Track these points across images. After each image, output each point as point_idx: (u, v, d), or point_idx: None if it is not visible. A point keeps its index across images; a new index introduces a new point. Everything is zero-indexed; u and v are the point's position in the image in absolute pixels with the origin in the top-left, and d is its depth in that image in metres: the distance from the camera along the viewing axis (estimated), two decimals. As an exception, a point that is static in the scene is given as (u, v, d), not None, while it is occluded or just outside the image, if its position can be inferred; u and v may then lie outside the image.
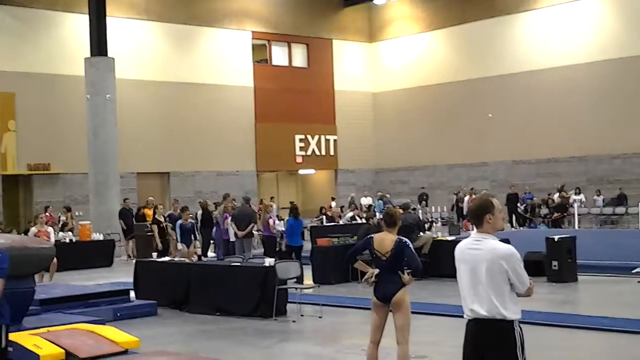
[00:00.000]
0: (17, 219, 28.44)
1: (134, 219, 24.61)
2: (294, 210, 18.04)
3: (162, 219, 20.76)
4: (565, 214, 28.89)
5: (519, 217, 30.29)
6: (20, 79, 28.68)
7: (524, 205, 30.53)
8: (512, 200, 30.12)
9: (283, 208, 31.66)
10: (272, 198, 30.94)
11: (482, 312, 5.19)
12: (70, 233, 24.11)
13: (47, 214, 27.02)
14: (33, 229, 17.67)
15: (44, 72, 29.25)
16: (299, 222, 18.20)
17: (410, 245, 8.02)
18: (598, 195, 29.99)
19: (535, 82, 33.01)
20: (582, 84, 31.70)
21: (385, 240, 8.05)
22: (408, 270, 8.02)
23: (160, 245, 19.70)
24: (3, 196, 28.52)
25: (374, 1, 37.77)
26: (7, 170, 28.59)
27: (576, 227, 27.58)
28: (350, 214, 27.99)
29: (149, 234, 23.88)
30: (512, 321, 5.17)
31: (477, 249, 5.29)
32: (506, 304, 5.16)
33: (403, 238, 8.06)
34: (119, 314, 12.66)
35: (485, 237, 5.31)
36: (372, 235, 8.27)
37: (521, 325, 5.25)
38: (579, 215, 28.34)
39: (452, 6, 35.95)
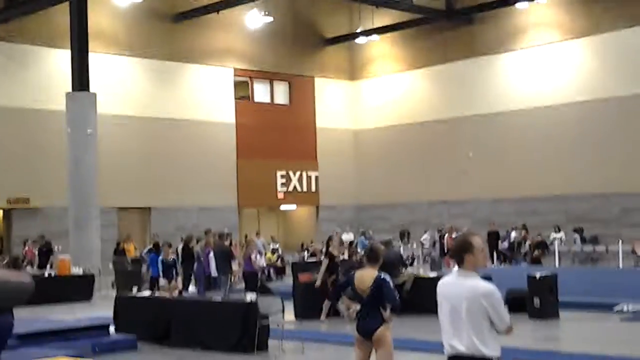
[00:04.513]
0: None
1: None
2: (155, 247, 20.18)
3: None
4: (545, 252, 28.96)
5: (500, 255, 30.37)
6: (1, 112, 28.55)
7: (505, 242, 30.61)
8: (492, 237, 30.27)
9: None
10: (257, 233, 30.90)
11: (462, 348, 5.23)
12: (49, 267, 23.91)
13: (26, 248, 26.86)
14: None
15: (25, 106, 29.15)
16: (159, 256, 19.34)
17: (389, 282, 8.05)
18: (579, 233, 30.15)
19: (516, 122, 33.28)
20: (562, 124, 31.95)
21: (365, 276, 8.12)
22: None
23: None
24: (-18, 230, 28.31)
25: (355, 40, 37.99)
26: (-14, 204, 28.40)
27: (557, 264, 27.65)
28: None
29: (129, 269, 23.79)
30: (491, 359, 5.20)
31: (458, 286, 5.34)
32: (485, 341, 5.20)
33: (382, 274, 8.11)
34: (97, 348, 12.56)
35: (467, 275, 5.37)
36: (354, 272, 8.33)
37: None
38: (559, 252, 28.43)
39: (433, 46, 36.23)
